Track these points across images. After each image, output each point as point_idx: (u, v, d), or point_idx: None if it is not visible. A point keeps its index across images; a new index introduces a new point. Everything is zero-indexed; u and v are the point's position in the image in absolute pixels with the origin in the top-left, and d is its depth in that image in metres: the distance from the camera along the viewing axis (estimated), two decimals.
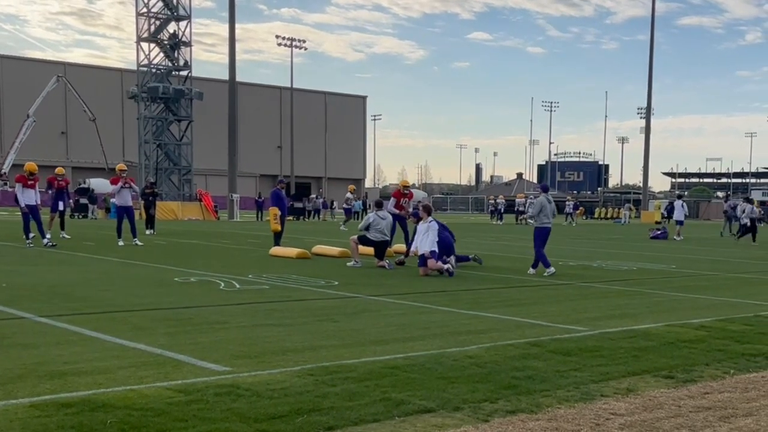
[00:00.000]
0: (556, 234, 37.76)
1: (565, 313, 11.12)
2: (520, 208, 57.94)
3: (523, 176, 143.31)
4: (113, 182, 23.46)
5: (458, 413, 5.65)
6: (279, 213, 22.15)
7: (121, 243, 22.53)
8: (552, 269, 16.48)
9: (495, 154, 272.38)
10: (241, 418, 5.37)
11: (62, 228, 25.84)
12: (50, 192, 26.40)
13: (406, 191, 22.07)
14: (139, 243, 22.86)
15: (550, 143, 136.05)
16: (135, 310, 10.38)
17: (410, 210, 21.18)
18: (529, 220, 14.05)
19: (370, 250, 18.12)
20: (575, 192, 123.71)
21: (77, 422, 5.17)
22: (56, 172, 26.12)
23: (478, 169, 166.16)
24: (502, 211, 60.52)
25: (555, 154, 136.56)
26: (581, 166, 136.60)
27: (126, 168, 24.09)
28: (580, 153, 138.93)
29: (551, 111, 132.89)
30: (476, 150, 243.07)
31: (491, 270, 17.70)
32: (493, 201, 64.44)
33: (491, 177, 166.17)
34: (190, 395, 5.93)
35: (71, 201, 42.67)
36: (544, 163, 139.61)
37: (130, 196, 23.38)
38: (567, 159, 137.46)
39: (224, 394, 5.97)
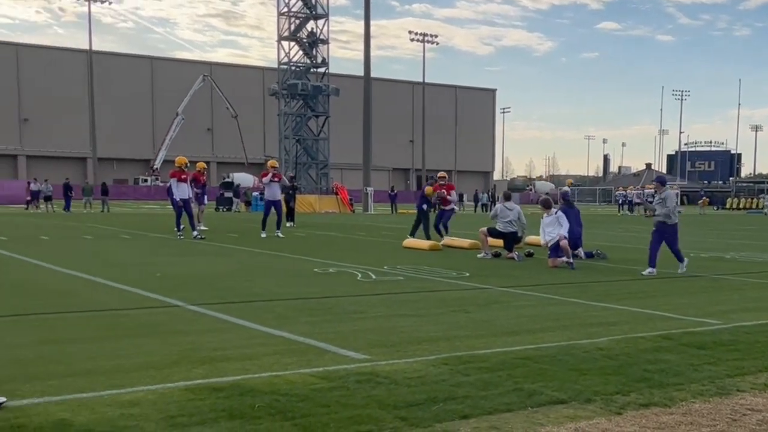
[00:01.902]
0: (685, 225, 36.61)
1: (698, 305, 10.78)
2: (641, 200, 55.96)
3: (652, 166, 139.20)
4: (263, 176, 24.15)
5: (590, 405, 5.58)
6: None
7: (264, 235, 23.09)
8: (652, 270, 14.61)
9: (623, 144, 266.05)
10: (380, 405, 5.46)
11: (199, 221, 26.63)
12: (195, 188, 27.29)
13: (442, 182, 22.48)
14: (281, 235, 23.37)
15: (681, 132, 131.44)
16: (278, 299, 10.67)
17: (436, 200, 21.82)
18: (659, 217, 13.40)
19: (500, 242, 18.03)
20: (706, 182, 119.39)
21: (228, 406, 5.37)
22: (198, 168, 26.86)
23: (606, 160, 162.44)
24: (633, 202, 58.80)
25: (685, 144, 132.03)
26: (712, 155, 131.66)
27: (277, 164, 24.72)
28: (711, 142, 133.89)
29: (682, 100, 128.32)
30: (604, 141, 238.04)
31: (620, 262, 17.32)
32: (622, 192, 62.73)
33: (619, 168, 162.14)
34: (332, 382, 6.06)
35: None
36: (673, 153, 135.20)
37: (279, 190, 24.06)
38: (697, 148, 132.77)
39: (364, 382, 6.08)
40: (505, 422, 5.13)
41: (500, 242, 18.01)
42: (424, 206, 21.97)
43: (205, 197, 26.84)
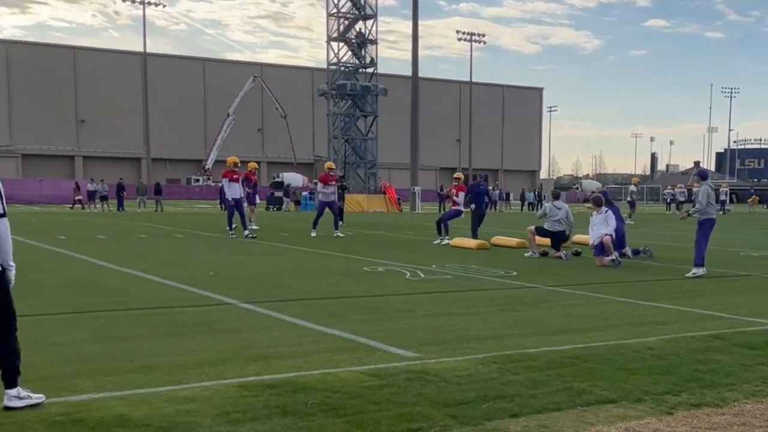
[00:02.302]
0: (734, 224, 36.00)
1: (749, 305, 10.61)
2: (680, 198, 55.11)
3: (701, 164, 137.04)
4: (323, 180, 24.18)
5: (640, 405, 5.54)
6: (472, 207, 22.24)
7: (314, 234, 23.21)
8: (699, 271, 14.03)
9: (671, 142, 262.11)
10: (430, 402, 5.48)
11: (250, 221, 26.83)
12: (247, 187, 27.49)
13: (456, 183, 22.27)
14: (341, 235, 23.35)
15: (730, 130, 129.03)
16: (329, 297, 10.73)
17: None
18: (694, 214, 13.07)
19: (547, 240, 17.92)
20: (755, 180, 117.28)
21: (281, 402, 5.42)
22: (249, 168, 27.05)
23: (654, 159, 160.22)
24: (681, 200, 57.88)
25: (734, 142, 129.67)
26: (762, 153, 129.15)
27: (334, 166, 24.81)
28: (761, 140, 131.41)
29: (731, 97, 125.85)
30: (652, 139, 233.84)
31: (668, 261, 17.12)
32: (670, 190, 61.80)
33: (667, 166, 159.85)
34: (382, 379, 6.09)
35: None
36: (722, 150, 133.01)
37: (335, 191, 24.11)
38: (747, 146, 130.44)
39: (414, 380, 6.10)
40: (555, 421, 5.12)
41: (547, 241, 17.90)
42: (472, 206, 21.86)
43: (257, 197, 26.99)
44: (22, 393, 5.24)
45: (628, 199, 42.52)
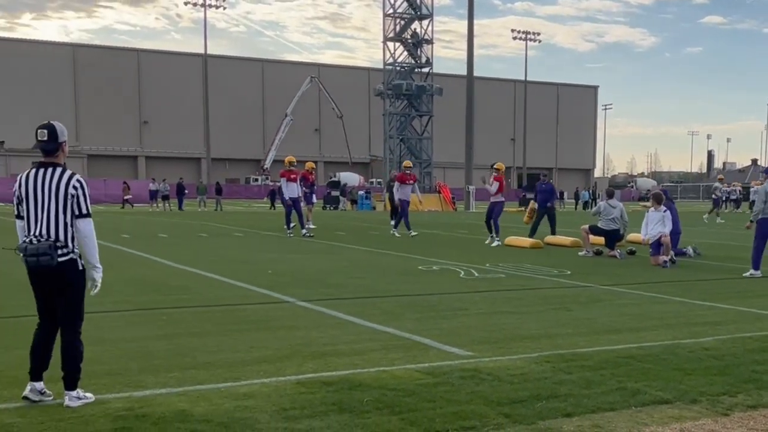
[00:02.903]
0: None
1: None
2: (730, 196, 53.91)
3: (758, 162, 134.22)
4: (401, 179, 24.06)
5: (696, 405, 5.46)
6: (536, 207, 21.98)
7: (396, 233, 23.19)
8: (756, 273, 13.60)
9: (728, 140, 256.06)
10: (484, 401, 5.47)
11: (308, 220, 26.94)
12: (304, 187, 27.62)
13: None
14: (397, 234, 23.10)
15: None
16: (384, 296, 10.76)
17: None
18: (755, 218, 12.62)
19: (601, 239, 17.72)
20: None
21: (337, 399, 5.47)
22: (307, 167, 27.23)
23: (710, 156, 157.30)
24: (734, 198, 56.62)
25: None
26: None
27: (411, 164, 24.67)
28: None
29: None
30: (708, 136, 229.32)
31: (725, 260, 16.81)
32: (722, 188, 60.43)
33: (723, 164, 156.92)
34: (437, 377, 6.10)
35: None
36: None
37: (409, 192, 23.95)
38: None
39: (468, 378, 6.10)
40: (609, 421, 5.08)
41: (601, 240, 17.70)
42: (548, 203, 21.58)
43: (314, 196, 27.12)
44: (81, 394, 5.34)
45: (713, 196, 41.70)
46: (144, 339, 7.54)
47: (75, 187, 5.35)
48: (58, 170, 5.35)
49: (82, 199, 5.38)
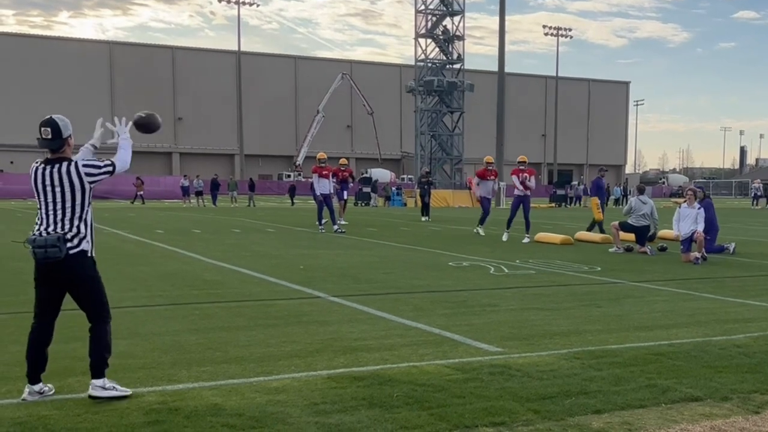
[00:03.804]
0: None
1: None
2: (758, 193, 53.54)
3: None
4: (481, 175, 22.66)
5: (727, 403, 5.40)
6: (599, 202, 21.83)
7: (480, 232, 22.16)
8: None
9: (761, 136, 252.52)
10: (513, 397, 5.46)
11: (340, 216, 27.02)
12: (335, 182, 27.73)
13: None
14: (482, 233, 22.06)
15: None
16: (414, 292, 10.76)
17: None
18: None
19: (631, 236, 17.59)
20: None
21: (368, 394, 5.48)
22: (340, 163, 27.39)
23: (743, 152, 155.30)
24: (759, 195, 55.93)
25: None
26: None
27: (493, 160, 23.36)
28: None
29: None
30: (741, 132, 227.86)
31: (758, 257, 16.60)
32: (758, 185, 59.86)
33: (756, 160, 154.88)
34: (466, 373, 6.09)
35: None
36: None
37: (491, 188, 22.89)
38: None
39: (497, 374, 6.08)
40: (638, 418, 5.04)
41: (632, 237, 17.57)
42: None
43: (345, 192, 27.17)
44: (107, 384, 5.32)
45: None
46: (177, 333, 7.61)
47: (84, 172, 5.33)
48: (65, 165, 5.32)
49: (95, 168, 5.38)
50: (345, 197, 27.28)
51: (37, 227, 5.38)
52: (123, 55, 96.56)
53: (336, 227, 22.51)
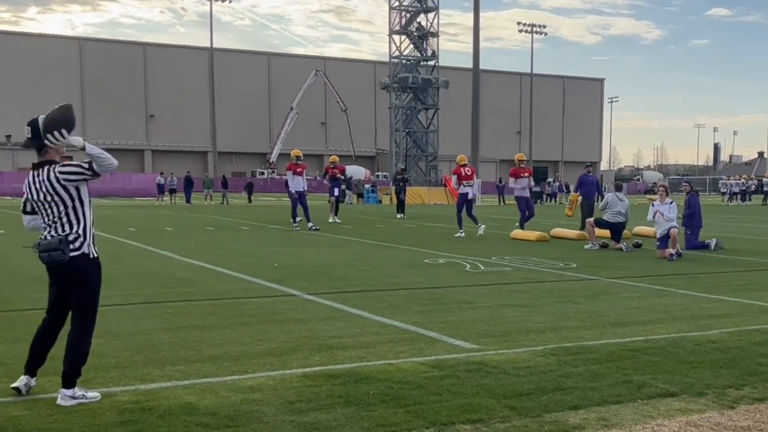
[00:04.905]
0: None
1: None
2: (734, 189, 54.31)
3: (765, 155, 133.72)
4: (515, 174, 21.44)
5: (702, 398, 5.45)
6: (579, 199, 21.83)
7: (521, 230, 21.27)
8: None
9: (734, 133, 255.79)
10: (490, 394, 5.47)
11: (335, 213, 26.99)
12: (326, 180, 27.75)
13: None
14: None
15: None
16: (390, 289, 10.76)
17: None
18: None
19: (607, 232, 17.70)
20: None
21: (344, 392, 5.47)
22: (330, 161, 27.39)
23: (717, 149, 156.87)
24: (736, 191, 56.50)
25: None
26: None
27: (525, 157, 22.54)
28: None
29: None
30: (714, 129, 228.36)
31: (732, 253, 16.76)
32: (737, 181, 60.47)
33: (730, 157, 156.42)
34: (443, 370, 6.10)
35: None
36: None
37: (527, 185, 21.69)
38: None
39: (474, 371, 6.10)
40: (615, 414, 5.07)
41: (607, 233, 17.68)
42: (579, 198, 21.56)
43: (336, 189, 27.06)
44: (77, 393, 5.23)
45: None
46: (150, 332, 7.55)
47: (62, 179, 5.23)
48: (46, 169, 5.26)
49: (76, 174, 5.24)
50: (337, 194, 27.17)
51: (43, 231, 5.37)
52: (93, 51, 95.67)
53: (311, 225, 22.44)
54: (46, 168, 5.27)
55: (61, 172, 5.25)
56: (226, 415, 4.94)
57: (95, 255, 5.41)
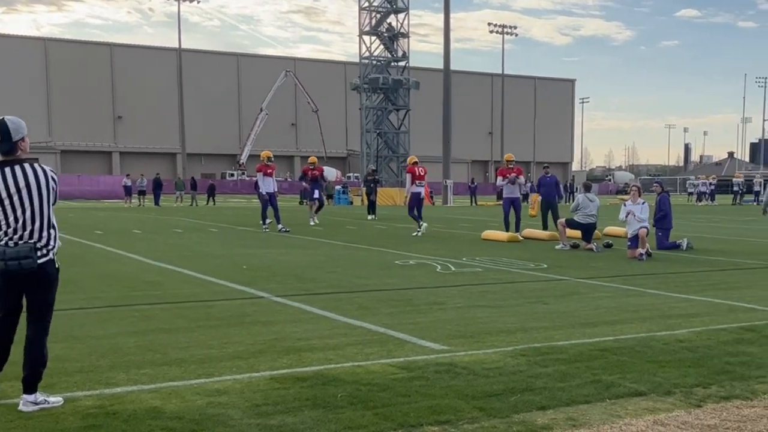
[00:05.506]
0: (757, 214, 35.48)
1: None
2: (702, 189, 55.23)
3: (735, 155, 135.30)
4: (503, 174, 21.12)
5: (670, 397, 5.49)
6: (539, 199, 21.90)
7: (522, 236, 20.50)
8: None
9: (705, 133, 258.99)
10: (459, 395, 5.48)
11: (316, 212, 26.87)
12: (304, 182, 27.64)
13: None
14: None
15: (764, 120, 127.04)
16: (360, 290, 10.75)
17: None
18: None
19: (578, 233, 17.81)
20: None
21: (311, 395, 5.45)
22: (309, 162, 27.28)
23: (687, 149, 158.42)
24: (705, 191, 57.10)
25: None
26: None
27: (513, 158, 21.85)
28: None
29: (765, 87, 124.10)
30: (685, 130, 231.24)
31: (701, 252, 16.92)
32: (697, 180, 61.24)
33: (700, 157, 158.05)
34: (412, 372, 6.10)
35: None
36: (757, 141, 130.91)
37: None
38: None
39: (443, 372, 6.10)
40: (583, 414, 5.10)
41: (578, 233, 17.79)
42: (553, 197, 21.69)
43: (316, 191, 26.86)
44: (39, 398, 5.14)
45: (756, 189, 42.89)
46: (115, 335, 7.48)
47: (54, 180, 5.30)
48: (27, 166, 5.14)
49: (54, 193, 5.34)
50: (317, 196, 27.01)
51: (3, 236, 5.13)
52: (59, 52, 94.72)
53: (280, 227, 22.36)
54: (26, 164, 5.14)
55: (54, 176, 5.31)
56: (192, 419, 4.91)
57: (57, 262, 5.37)
